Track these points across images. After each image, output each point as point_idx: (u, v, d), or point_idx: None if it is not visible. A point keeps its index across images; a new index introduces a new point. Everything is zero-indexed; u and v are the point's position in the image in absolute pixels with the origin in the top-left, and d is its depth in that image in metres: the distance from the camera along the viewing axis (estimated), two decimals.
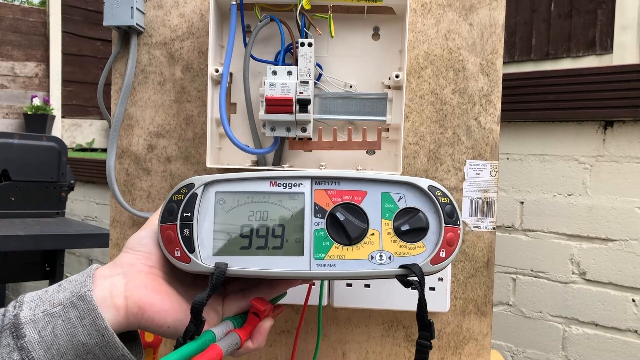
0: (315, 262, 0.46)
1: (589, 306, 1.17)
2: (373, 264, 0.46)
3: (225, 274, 0.45)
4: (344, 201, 0.47)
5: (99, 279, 0.43)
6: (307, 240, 0.46)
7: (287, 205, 0.47)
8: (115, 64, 0.69)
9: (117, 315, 0.42)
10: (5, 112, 4.70)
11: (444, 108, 0.66)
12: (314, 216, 0.47)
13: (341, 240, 0.46)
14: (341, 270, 0.46)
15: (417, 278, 0.45)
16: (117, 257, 0.46)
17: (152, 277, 0.45)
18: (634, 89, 1.06)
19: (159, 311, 0.43)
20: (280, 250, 0.46)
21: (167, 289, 0.45)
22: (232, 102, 0.67)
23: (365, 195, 0.47)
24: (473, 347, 0.69)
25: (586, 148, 1.16)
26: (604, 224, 1.14)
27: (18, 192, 1.94)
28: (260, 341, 0.47)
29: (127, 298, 0.42)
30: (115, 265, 0.45)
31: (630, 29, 3.02)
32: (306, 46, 0.60)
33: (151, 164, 0.70)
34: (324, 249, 0.46)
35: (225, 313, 0.49)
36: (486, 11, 0.66)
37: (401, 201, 0.47)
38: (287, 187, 0.47)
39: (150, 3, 0.68)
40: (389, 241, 0.46)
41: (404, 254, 0.46)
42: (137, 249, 0.47)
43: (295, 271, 0.46)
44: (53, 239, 1.64)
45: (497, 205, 0.68)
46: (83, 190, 2.63)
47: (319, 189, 0.47)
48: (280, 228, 0.47)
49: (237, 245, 0.46)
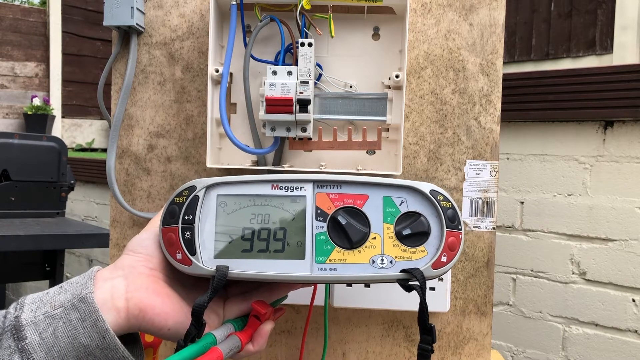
0: (317, 265, 0.46)
1: (589, 306, 1.17)
2: (374, 268, 0.46)
3: (226, 277, 0.45)
4: (346, 205, 0.47)
5: (100, 281, 0.43)
6: (308, 243, 0.46)
7: (289, 209, 0.47)
8: (115, 64, 0.69)
9: (118, 318, 0.42)
10: (5, 112, 4.70)
11: (444, 108, 0.66)
12: (316, 219, 0.47)
13: (342, 244, 0.46)
14: (342, 274, 0.46)
15: (419, 282, 0.45)
16: (118, 260, 0.46)
17: (153, 279, 0.45)
18: (634, 89, 1.06)
19: (159, 313, 0.43)
20: (282, 254, 0.46)
21: (168, 291, 0.45)
22: (232, 102, 0.67)
23: (367, 199, 0.47)
24: (473, 347, 0.69)
25: (586, 148, 1.16)
26: (604, 224, 1.14)
27: (18, 192, 1.94)
28: (261, 344, 0.47)
29: (128, 300, 0.42)
30: (116, 268, 0.45)
31: (630, 29, 3.02)
32: (306, 46, 0.60)
33: (151, 164, 0.70)
34: (325, 252, 0.46)
35: (226, 316, 0.49)
36: (486, 11, 0.66)
37: (403, 205, 0.47)
38: (289, 190, 0.47)
39: (150, 3, 0.68)
40: (390, 245, 0.46)
41: (405, 258, 0.46)
42: (138, 251, 0.47)
43: (296, 275, 0.46)
44: (53, 239, 1.64)
45: (497, 205, 0.68)
46: (83, 190, 2.63)
47: (320, 192, 0.47)
48: (281, 231, 0.47)
49: (239, 248, 0.46)
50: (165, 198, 0.69)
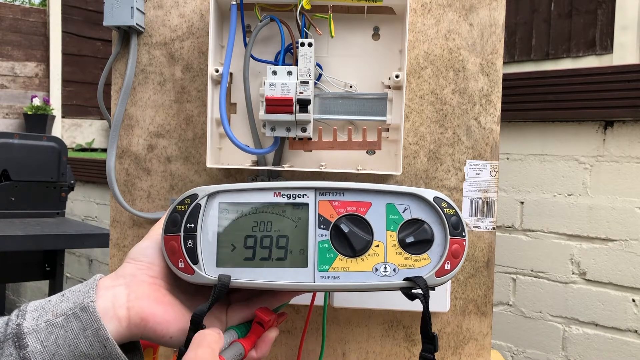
0: (319, 273, 0.46)
1: (589, 306, 1.17)
2: (377, 276, 0.46)
3: (228, 286, 0.45)
4: (349, 212, 0.46)
5: (102, 290, 0.43)
6: (311, 251, 0.46)
7: (291, 216, 0.47)
8: (115, 64, 0.69)
9: (120, 327, 0.42)
10: (5, 112, 4.70)
11: (444, 108, 0.66)
12: (318, 227, 0.46)
13: (345, 252, 0.46)
14: (345, 282, 0.45)
15: (422, 291, 0.44)
16: (119, 268, 0.46)
17: (155, 287, 0.45)
18: (634, 89, 1.06)
19: (161, 322, 0.43)
20: (284, 262, 0.46)
21: (170, 299, 0.45)
22: (232, 102, 0.67)
23: (370, 206, 0.47)
24: (473, 347, 0.69)
25: (586, 148, 1.16)
26: (604, 224, 1.14)
27: (18, 192, 1.94)
28: (265, 351, 0.47)
29: (129, 309, 0.43)
30: (118, 276, 0.45)
31: (630, 29, 3.02)
32: (306, 46, 0.60)
33: (151, 164, 0.70)
34: (328, 260, 0.46)
35: (229, 321, 0.48)
36: (486, 11, 0.66)
37: (406, 212, 0.47)
38: (291, 197, 0.47)
39: (150, 3, 0.68)
40: (393, 253, 0.46)
41: (408, 266, 0.46)
42: (139, 259, 0.47)
43: (299, 283, 0.46)
44: (53, 239, 1.65)
45: (497, 205, 0.68)
46: (83, 190, 2.63)
47: (323, 199, 0.47)
48: (284, 239, 0.46)
49: (241, 257, 0.46)
50: (166, 198, 0.69)
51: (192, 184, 0.69)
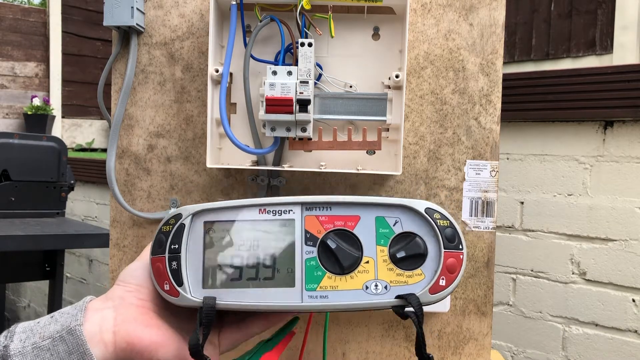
0: (307, 293, 0.43)
1: (589, 306, 1.17)
2: (368, 295, 0.43)
3: (214, 308, 0.43)
4: (336, 227, 0.44)
5: (91, 312, 0.43)
6: (298, 270, 0.44)
7: (278, 234, 0.44)
8: (115, 64, 0.69)
9: (106, 351, 0.42)
10: (5, 112, 4.70)
11: (444, 108, 0.66)
12: (305, 244, 0.44)
13: (334, 269, 0.44)
14: (334, 302, 0.43)
15: (414, 310, 0.42)
16: (109, 290, 0.46)
17: (143, 310, 0.45)
18: (634, 89, 1.06)
19: (148, 345, 0.43)
20: (272, 282, 0.44)
21: (157, 322, 0.45)
22: (232, 102, 0.67)
23: (359, 220, 0.44)
24: (473, 347, 0.69)
25: (586, 148, 1.16)
26: (604, 224, 1.14)
27: (18, 192, 1.94)
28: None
29: (115, 333, 0.42)
30: (107, 299, 0.45)
31: (630, 29, 3.02)
32: (306, 46, 0.60)
33: (151, 164, 0.70)
34: (315, 279, 0.43)
35: (222, 344, 0.48)
36: (486, 11, 0.66)
37: (397, 225, 0.44)
38: (276, 214, 0.45)
39: (150, 3, 0.68)
40: (384, 269, 0.44)
41: (401, 282, 0.43)
42: (128, 281, 0.47)
43: (286, 304, 0.44)
44: (53, 239, 1.64)
45: (497, 205, 0.68)
46: (83, 190, 2.63)
47: (309, 215, 0.45)
48: (271, 258, 0.44)
49: (228, 277, 0.44)
50: (166, 198, 0.69)
51: (192, 184, 0.69)
